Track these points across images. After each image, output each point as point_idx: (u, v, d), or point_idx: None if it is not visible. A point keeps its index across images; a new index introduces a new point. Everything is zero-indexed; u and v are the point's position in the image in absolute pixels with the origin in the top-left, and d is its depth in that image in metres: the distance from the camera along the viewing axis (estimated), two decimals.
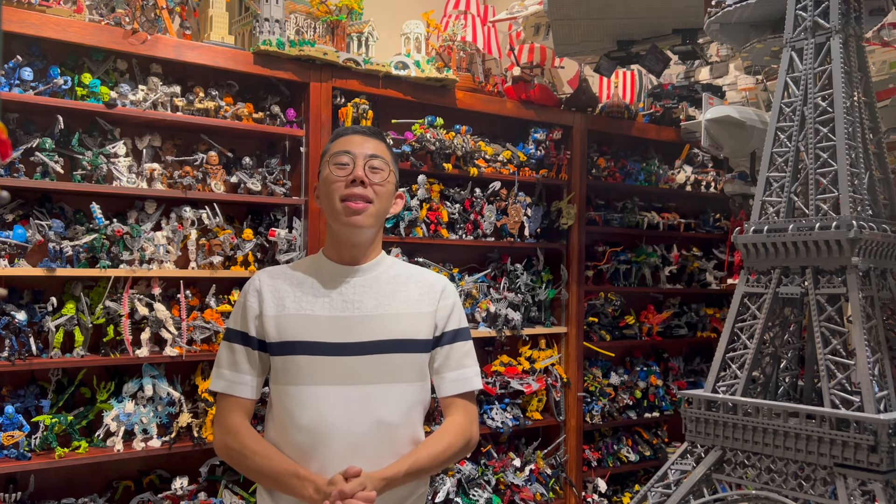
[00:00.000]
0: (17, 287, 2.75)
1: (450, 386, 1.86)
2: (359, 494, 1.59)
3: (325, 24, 3.38)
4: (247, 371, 1.79)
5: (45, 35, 2.67)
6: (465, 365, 1.88)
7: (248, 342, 1.80)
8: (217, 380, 1.81)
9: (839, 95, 2.67)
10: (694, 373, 4.75)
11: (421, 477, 1.80)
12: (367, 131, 1.87)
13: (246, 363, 1.79)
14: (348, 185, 1.77)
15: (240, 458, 1.76)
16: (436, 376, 1.87)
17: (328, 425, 1.72)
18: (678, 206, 4.72)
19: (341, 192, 1.77)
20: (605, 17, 3.54)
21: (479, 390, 1.94)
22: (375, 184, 1.79)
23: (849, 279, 2.60)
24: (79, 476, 2.89)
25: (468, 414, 1.87)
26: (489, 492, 3.65)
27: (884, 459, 2.40)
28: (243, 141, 3.24)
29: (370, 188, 1.78)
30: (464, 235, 3.75)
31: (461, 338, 1.89)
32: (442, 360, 1.86)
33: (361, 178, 1.77)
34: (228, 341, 1.82)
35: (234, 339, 1.82)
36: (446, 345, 1.87)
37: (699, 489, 2.84)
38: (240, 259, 3.09)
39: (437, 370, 1.86)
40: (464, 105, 3.69)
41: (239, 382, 1.78)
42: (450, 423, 1.85)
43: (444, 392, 1.87)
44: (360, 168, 1.78)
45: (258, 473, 1.75)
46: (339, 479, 1.63)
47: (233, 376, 1.79)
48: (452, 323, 1.88)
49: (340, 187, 1.77)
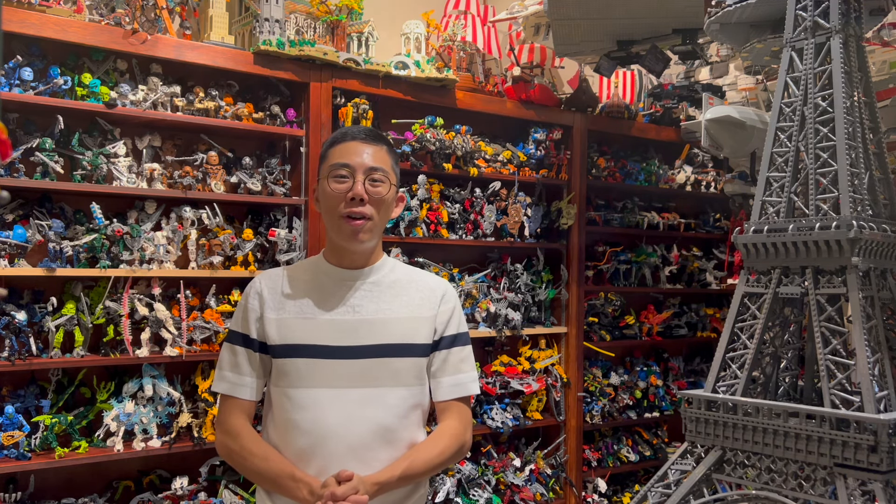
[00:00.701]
0: (17, 287, 2.75)
1: (446, 391, 1.86)
2: (351, 498, 1.60)
3: (325, 24, 3.38)
4: (248, 373, 1.79)
5: (45, 35, 2.67)
6: (462, 370, 1.88)
7: (250, 344, 1.80)
8: (219, 381, 1.81)
9: (839, 95, 2.67)
10: (694, 373, 4.75)
11: (414, 481, 1.80)
12: (366, 136, 1.82)
13: (247, 365, 1.79)
14: (348, 203, 1.75)
15: (239, 459, 1.77)
16: (433, 380, 1.86)
17: (328, 428, 1.73)
18: (678, 206, 4.72)
19: (341, 210, 1.76)
20: (605, 17, 3.55)
21: (475, 395, 1.93)
22: (375, 198, 1.77)
23: (849, 279, 2.60)
24: (79, 476, 2.89)
25: (463, 419, 1.87)
26: (489, 492, 3.65)
27: (884, 459, 2.40)
28: (243, 141, 3.24)
29: (369, 204, 1.77)
30: (464, 235, 3.75)
31: (460, 342, 1.88)
32: (439, 365, 1.86)
33: (361, 196, 1.74)
34: (230, 343, 1.82)
35: (235, 340, 1.82)
36: (444, 349, 1.86)
37: (699, 489, 2.84)
38: (240, 259, 3.09)
39: (435, 374, 1.86)
40: (464, 105, 3.69)
41: (240, 384, 1.79)
42: (445, 427, 1.85)
43: (440, 396, 1.86)
44: (360, 184, 1.75)
45: (257, 475, 1.75)
46: (331, 481, 1.63)
47: (234, 378, 1.79)
48: (451, 328, 1.87)
49: (340, 203, 1.75)
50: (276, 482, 1.71)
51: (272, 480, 1.72)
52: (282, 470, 1.71)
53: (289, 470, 1.70)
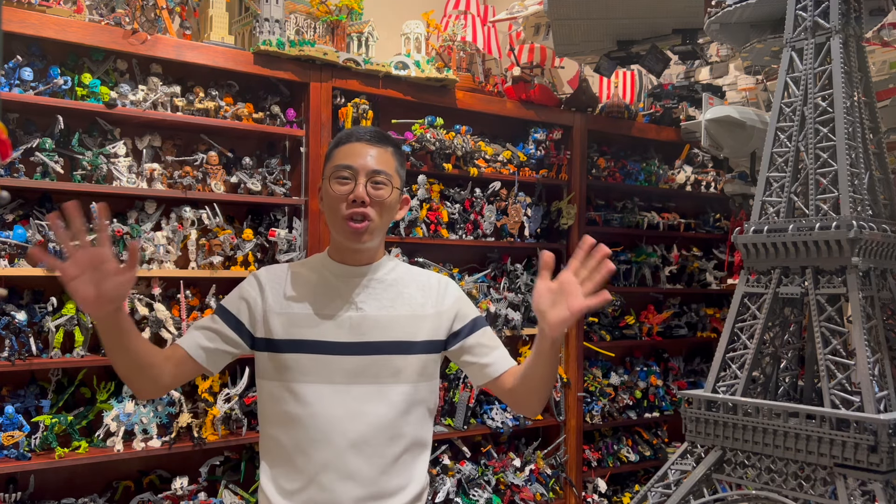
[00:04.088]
0: (17, 287, 2.75)
1: (499, 364, 1.85)
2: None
3: (325, 24, 3.38)
4: (215, 342, 1.77)
5: (45, 35, 2.67)
6: (498, 345, 1.89)
7: (227, 318, 1.79)
8: (186, 337, 1.79)
9: (839, 95, 2.67)
10: (694, 373, 4.75)
11: (552, 369, 1.77)
12: (371, 138, 1.81)
13: (219, 340, 1.78)
14: (349, 205, 1.76)
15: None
16: (479, 363, 1.85)
17: (330, 423, 1.73)
18: (678, 206, 4.72)
19: (343, 211, 1.77)
20: (605, 17, 3.55)
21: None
22: (377, 201, 1.78)
23: (849, 279, 2.60)
24: (79, 476, 2.89)
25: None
26: (489, 492, 3.66)
27: (884, 459, 2.40)
28: (243, 141, 3.24)
29: (371, 207, 1.77)
30: (464, 235, 3.75)
31: (480, 324, 1.89)
32: (478, 347, 1.85)
33: (363, 199, 1.75)
34: (215, 314, 1.82)
35: (220, 314, 1.81)
36: (473, 333, 1.86)
37: (699, 489, 2.84)
38: (240, 259, 3.10)
39: (480, 355, 1.85)
40: (464, 105, 3.69)
41: (200, 346, 1.76)
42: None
43: (499, 370, 1.85)
44: (362, 186, 1.75)
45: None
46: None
47: (202, 340, 1.76)
48: (468, 314, 1.88)
49: (342, 204, 1.76)
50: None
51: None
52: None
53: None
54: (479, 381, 1.89)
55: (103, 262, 1.48)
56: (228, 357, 1.82)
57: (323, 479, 1.73)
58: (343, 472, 1.73)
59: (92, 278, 1.47)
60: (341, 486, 1.72)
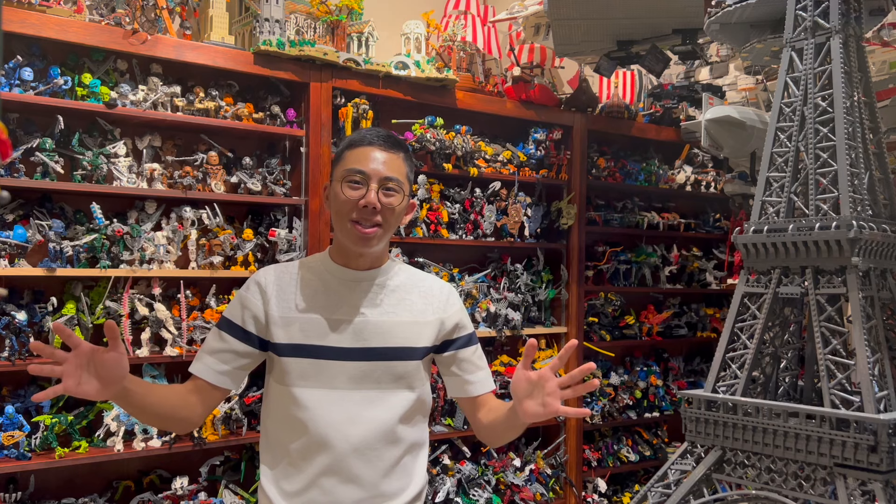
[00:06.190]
0: (17, 287, 2.75)
1: (482, 384, 1.93)
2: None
3: (325, 24, 3.38)
4: (227, 362, 1.77)
5: (45, 35, 2.67)
6: (484, 366, 1.96)
7: (239, 334, 1.78)
8: (197, 362, 1.78)
9: (839, 95, 2.67)
10: (694, 373, 4.75)
11: (519, 432, 1.87)
12: (384, 142, 1.79)
13: (231, 354, 1.77)
14: (359, 211, 1.74)
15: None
16: (462, 377, 1.91)
17: (331, 427, 1.73)
18: (678, 206, 4.72)
19: (352, 215, 1.75)
20: (605, 17, 3.55)
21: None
22: (388, 208, 1.76)
23: (849, 279, 2.60)
24: (79, 476, 2.89)
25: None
26: (489, 492, 3.66)
27: (884, 459, 2.40)
28: (243, 141, 3.24)
29: (381, 213, 1.76)
30: (464, 235, 3.75)
31: (474, 341, 1.94)
32: (468, 362, 1.91)
33: (374, 205, 1.73)
34: (220, 329, 1.80)
35: (225, 328, 1.79)
36: (465, 347, 1.90)
37: (699, 489, 2.85)
38: (240, 259, 3.10)
39: (465, 370, 1.90)
40: (464, 105, 3.69)
41: (216, 370, 1.77)
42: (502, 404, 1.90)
43: (477, 391, 1.92)
44: (374, 193, 1.73)
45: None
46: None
47: (214, 364, 1.77)
48: (465, 327, 1.92)
49: (351, 209, 1.74)
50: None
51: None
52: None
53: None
54: (455, 394, 1.94)
55: (90, 356, 1.52)
56: (248, 370, 1.84)
57: (324, 482, 1.73)
58: (345, 476, 1.73)
59: (90, 374, 1.52)
60: (343, 490, 1.73)
